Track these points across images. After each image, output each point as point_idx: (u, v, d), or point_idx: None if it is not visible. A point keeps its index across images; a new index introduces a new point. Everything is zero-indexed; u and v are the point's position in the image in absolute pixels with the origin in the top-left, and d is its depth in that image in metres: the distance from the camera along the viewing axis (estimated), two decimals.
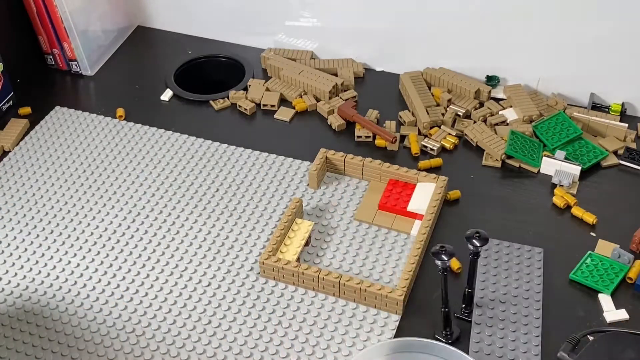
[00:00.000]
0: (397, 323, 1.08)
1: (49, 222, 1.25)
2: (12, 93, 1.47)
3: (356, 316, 1.09)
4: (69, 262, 1.18)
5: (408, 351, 0.98)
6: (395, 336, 1.06)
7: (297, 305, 1.11)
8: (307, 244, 1.19)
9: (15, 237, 1.23)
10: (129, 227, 1.24)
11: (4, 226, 1.25)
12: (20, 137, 1.41)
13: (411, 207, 1.22)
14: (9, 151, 1.39)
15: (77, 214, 1.26)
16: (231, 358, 1.05)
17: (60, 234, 1.23)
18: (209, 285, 1.14)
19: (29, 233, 1.23)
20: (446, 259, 0.97)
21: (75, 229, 1.24)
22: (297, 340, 1.06)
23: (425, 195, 1.23)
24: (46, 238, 1.22)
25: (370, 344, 1.05)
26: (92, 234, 1.23)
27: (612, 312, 1.08)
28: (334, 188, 1.29)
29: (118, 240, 1.21)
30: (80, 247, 1.20)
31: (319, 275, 1.10)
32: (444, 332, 1.05)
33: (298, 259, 1.16)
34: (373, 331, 1.07)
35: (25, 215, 1.26)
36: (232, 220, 1.24)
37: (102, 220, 1.25)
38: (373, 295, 1.08)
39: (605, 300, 1.10)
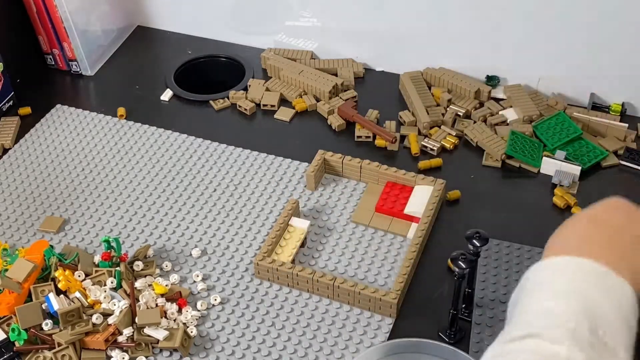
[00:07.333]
0: (391, 326, 1.07)
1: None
2: (12, 93, 1.47)
3: (350, 319, 1.08)
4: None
5: (411, 352, 0.98)
6: (390, 338, 1.05)
7: (291, 307, 1.10)
8: (303, 245, 1.18)
9: (12, 235, 1.23)
10: (125, 225, 1.24)
11: (2, 224, 1.25)
12: (16, 133, 1.42)
13: (408, 209, 1.21)
14: (9, 148, 1.40)
15: (75, 212, 1.26)
16: (223, 358, 1.04)
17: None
18: (203, 284, 1.14)
19: (26, 231, 1.23)
20: (464, 266, 0.97)
21: (72, 227, 1.24)
22: (290, 342, 1.06)
23: (422, 198, 1.22)
24: (42, 236, 1.22)
25: (363, 347, 1.04)
26: (89, 232, 1.23)
27: None
28: (331, 190, 1.28)
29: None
30: (77, 245, 1.20)
31: (314, 277, 1.10)
32: (448, 332, 1.05)
33: (293, 261, 1.15)
34: (366, 334, 1.06)
35: (23, 212, 1.27)
36: (229, 220, 1.24)
37: (99, 218, 1.25)
38: (367, 297, 1.07)
39: None
